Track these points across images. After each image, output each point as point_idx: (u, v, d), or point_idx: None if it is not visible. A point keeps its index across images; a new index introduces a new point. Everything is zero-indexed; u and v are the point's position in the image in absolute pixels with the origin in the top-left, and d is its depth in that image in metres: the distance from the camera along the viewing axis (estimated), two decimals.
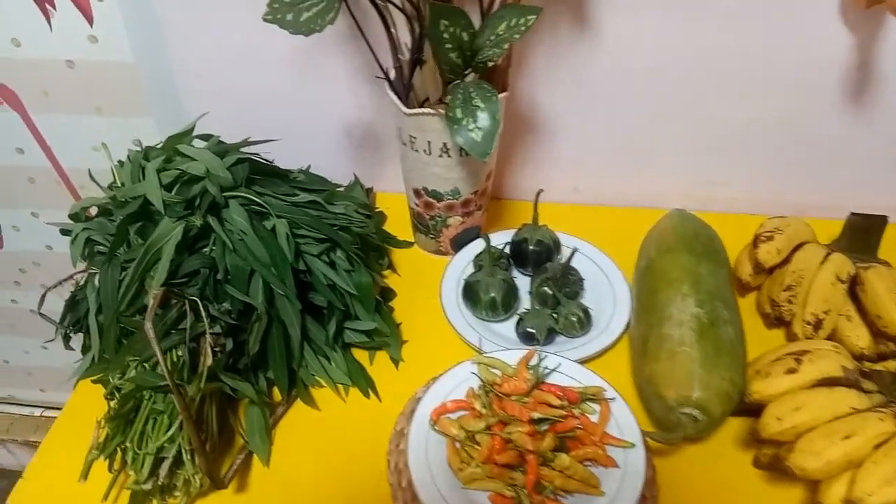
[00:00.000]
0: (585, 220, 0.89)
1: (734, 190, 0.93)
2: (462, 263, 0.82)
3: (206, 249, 0.68)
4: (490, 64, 0.69)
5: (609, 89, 0.84)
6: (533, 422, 0.62)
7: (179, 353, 0.63)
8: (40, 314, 0.71)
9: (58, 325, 0.71)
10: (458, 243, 0.84)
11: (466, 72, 0.69)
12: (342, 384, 0.72)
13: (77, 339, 0.74)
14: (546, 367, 0.68)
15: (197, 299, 0.63)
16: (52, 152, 1.08)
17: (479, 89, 0.67)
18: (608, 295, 0.78)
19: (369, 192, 0.95)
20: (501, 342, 0.73)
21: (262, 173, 0.76)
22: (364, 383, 0.72)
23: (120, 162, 0.77)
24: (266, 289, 0.67)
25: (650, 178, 0.93)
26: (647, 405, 0.67)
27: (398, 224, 0.91)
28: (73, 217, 0.75)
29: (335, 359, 0.72)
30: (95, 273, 0.69)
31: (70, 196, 1.13)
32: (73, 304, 0.72)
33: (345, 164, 0.97)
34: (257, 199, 0.70)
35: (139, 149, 0.77)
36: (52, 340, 0.74)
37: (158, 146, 0.76)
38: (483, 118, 0.66)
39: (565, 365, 0.68)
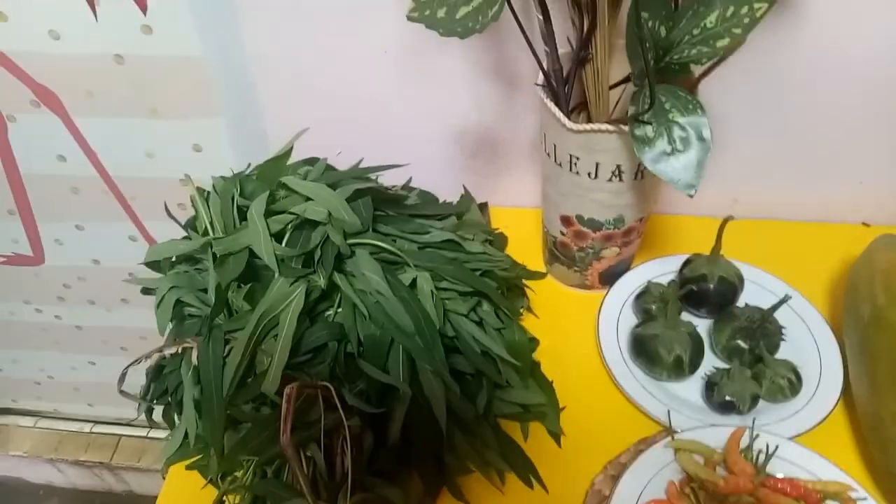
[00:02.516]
0: (750, 238, 0.73)
1: None
2: (617, 303, 0.68)
3: (329, 313, 0.54)
4: (694, 69, 0.53)
5: (791, 81, 0.68)
6: None
7: (308, 452, 0.50)
8: (121, 392, 0.56)
9: (140, 400, 0.58)
10: (609, 277, 0.69)
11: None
12: (498, 469, 0.57)
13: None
14: (760, 450, 0.54)
15: (329, 385, 0.49)
16: (97, 159, 0.93)
17: (676, 98, 0.52)
18: (808, 345, 0.63)
19: (483, 208, 0.79)
20: (687, 410, 0.59)
21: (377, 202, 0.61)
22: (524, 467, 0.57)
23: (202, 191, 0.62)
24: (408, 362, 0.53)
25: (830, 187, 0.77)
26: None
27: (516, 246, 0.75)
28: (153, 266, 0.60)
29: (486, 437, 0.58)
30: (190, 347, 0.55)
31: (120, 207, 0.98)
32: (158, 374, 0.58)
33: (450, 175, 0.81)
34: (389, 247, 0.55)
35: (225, 176, 0.62)
36: (135, 419, 0.61)
37: (253, 175, 0.61)
38: (684, 136, 0.51)
39: (784, 447, 0.54)
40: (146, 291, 0.59)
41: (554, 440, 0.60)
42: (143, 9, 0.75)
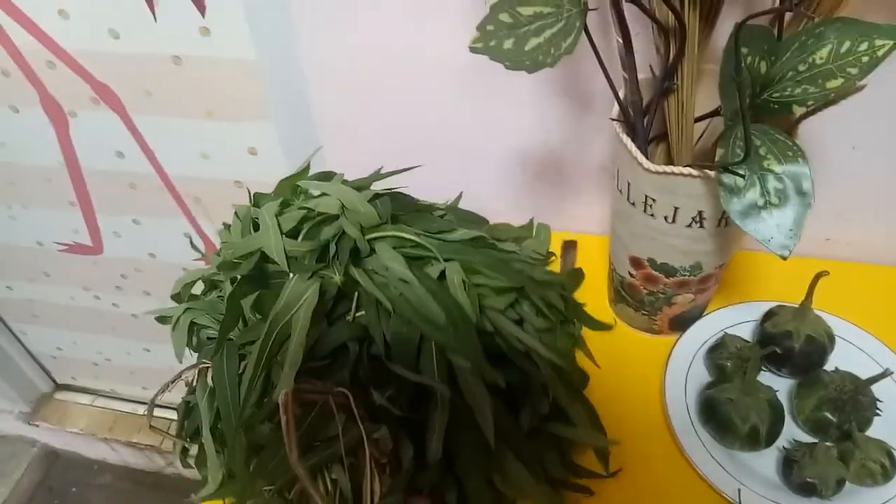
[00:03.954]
0: (843, 285, 0.64)
1: None
2: (687, 355, 0.61)
3: (349, 315, 0.50)
4: (795, 109, 0.46)
5: None
6: None
7: (333, 475, 0.45)
8: (151, 427, 0.54)
9: (175, 438, 0.55)
10: (680, 323, 0.63)
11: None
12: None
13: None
14: None
15: (346, 391, 0.44)
16: (154, 157, 0.92)
17: (773, 142, 0.45)
18: None
19: (569, 249, 0.72)
20: (760, 487, 0.52)
21: (402, 209, 0.58)
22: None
23: (225, 225, 0.59)
24: (443, 361, 0.48)
25: None
26: None
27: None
28: (176, 298, 0.58)
29: (544, 458, 0.51)
30: (208, 368, 0.52)
31: (175, 204, 0.97)
32: (187, 411, 0.56)
33: (510, 196, 0.76)
34: (413, 238, 0.51)
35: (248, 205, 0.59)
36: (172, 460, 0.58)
37: (270, 193, 0.58)
38: (780, 189, 0.45)
39: None
40: (161, 320, 0.56)
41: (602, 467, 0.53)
42: (202, 10, 0.72)
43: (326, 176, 0.61)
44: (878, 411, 0.55)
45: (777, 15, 0.46)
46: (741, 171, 0.45)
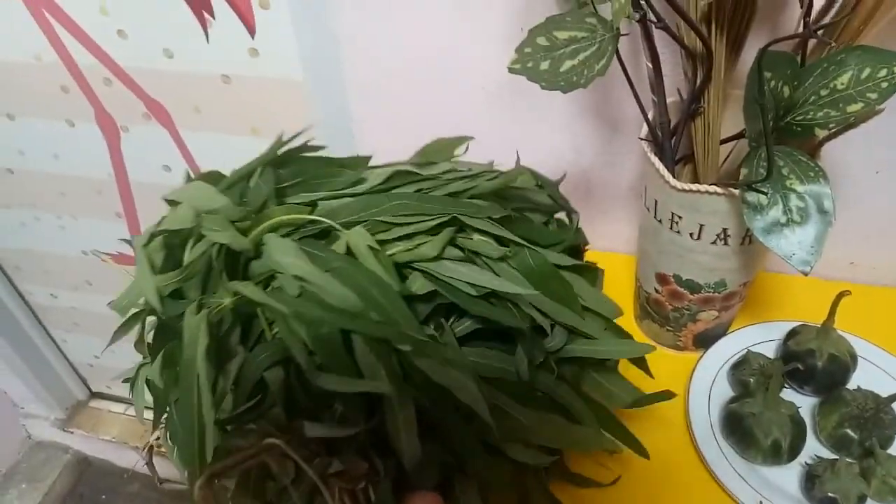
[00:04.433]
0: (867, 308, 0.66)
1: None
2: (711, 371, 0.63)
3: (268, 334, 0.41)
4: (818, 132, 0.48)
5: None
6: None
7: None
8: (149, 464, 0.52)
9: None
10: (704, 340, 0.65)
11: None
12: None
13: None
14: None
15: (277, 441, 0.34)
16: (199, 172, 0.96)
17: (796, 163, 0.47)
18: None
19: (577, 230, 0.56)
20: (782, 501, 0.53)
21: (312, 174, 0.48)
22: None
23: None
24: (385, 351, 0.38)
25: None
26: None
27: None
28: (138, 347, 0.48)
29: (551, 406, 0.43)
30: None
31: None
32: None
33: None
34: (305, 216, 0.43)
35: None
36: None
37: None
38: (802, 207, 0.46)
39: None
40: (127, 381, 0.47)
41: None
42: (252, 32, 0.77)
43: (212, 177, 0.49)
44: None
45: (801, 42, 0.48)
46: (764, 189, 0.47)
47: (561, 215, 0.55)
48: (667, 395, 0.50)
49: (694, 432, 0.58)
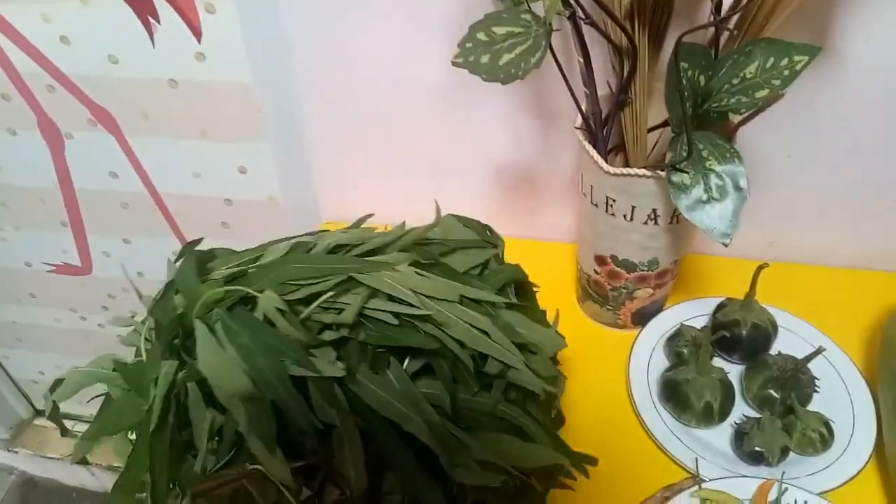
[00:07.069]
0: (786, 283, 0.72)
1: None
2: (649, 345, 0.67)
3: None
4: (732, 117, 0.53)
5: (831, 126, 0.67)
6: None
7: None
8: None
9: None
10: (641, 317, 0.69)
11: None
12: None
13: None
14: None
15: (260, 468, 0.38)
16: (147, 177, 0.96)
17: (714, 146, 0.52)
18: (841, 398, 0.62)
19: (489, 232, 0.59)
20: (715, 458, 0.58)
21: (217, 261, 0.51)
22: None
23: None
24: (325, 386, 0.41)
25: (870, 233, 0.75)
26: None
27: (550, 280, 0.75)
28: None
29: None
30: None
31: (165, 223, 1.02)
32: None
33: (490, 208, 0.82)
34: (230, 288, 0.45)
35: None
36: None
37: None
38: (721, 185, 0.51)
39: (813, 503, 0.53)
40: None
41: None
42: (198, 36, 0.78)
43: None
44: (816, 388, 0.61)
45: (715, 36, 0.53)
46: (687, 170, 0.51)
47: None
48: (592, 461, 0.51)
49: (635, 400, 0.63)
